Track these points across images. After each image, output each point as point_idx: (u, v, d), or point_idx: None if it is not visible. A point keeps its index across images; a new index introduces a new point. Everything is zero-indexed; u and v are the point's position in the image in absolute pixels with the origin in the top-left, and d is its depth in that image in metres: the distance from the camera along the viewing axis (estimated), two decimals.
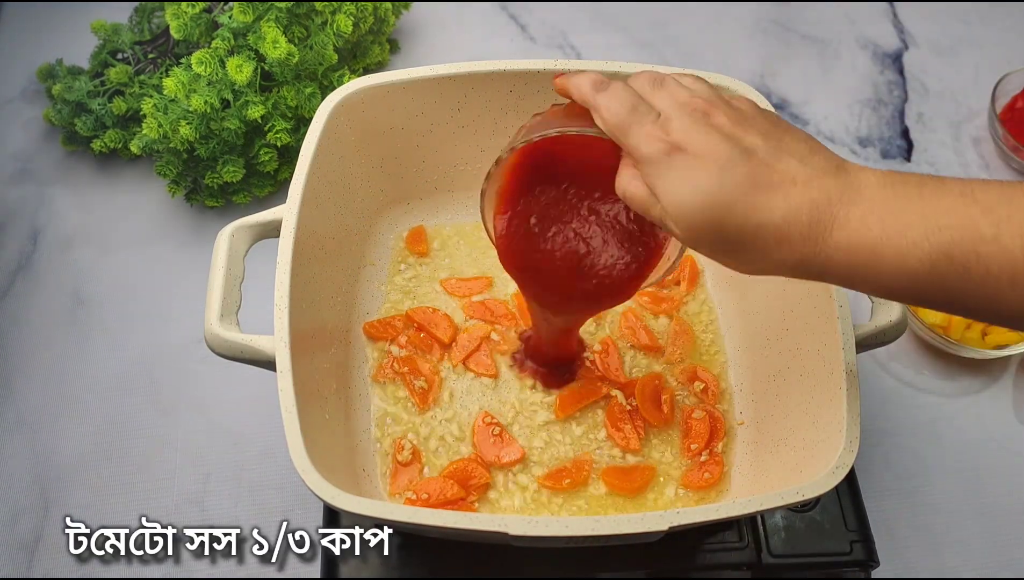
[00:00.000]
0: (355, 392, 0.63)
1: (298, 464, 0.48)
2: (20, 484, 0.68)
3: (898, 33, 0.99)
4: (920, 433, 0.72)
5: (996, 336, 0.73)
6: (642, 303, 0.68)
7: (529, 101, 0.65)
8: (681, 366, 0.66)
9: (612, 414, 0.63)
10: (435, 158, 0.69)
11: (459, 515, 0.46)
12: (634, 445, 0.62)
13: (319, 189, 0.60)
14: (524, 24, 0.98)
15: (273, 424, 0.50)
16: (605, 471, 0.61)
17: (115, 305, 0.77)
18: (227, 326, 0.53)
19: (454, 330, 0.66)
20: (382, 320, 0.67)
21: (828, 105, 0.92)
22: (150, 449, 0.70)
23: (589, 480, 0.61)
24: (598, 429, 0.63)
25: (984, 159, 0.89)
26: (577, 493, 0.61)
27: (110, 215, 0.82)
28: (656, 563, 0.59)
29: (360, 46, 0.87)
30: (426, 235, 0.71)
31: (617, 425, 0.62)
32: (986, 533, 0.68)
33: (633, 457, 0.62)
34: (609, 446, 0.62)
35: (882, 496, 0.69)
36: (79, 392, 0.72)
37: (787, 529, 0.60)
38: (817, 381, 0.55)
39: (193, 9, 0.77)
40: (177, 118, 0.73)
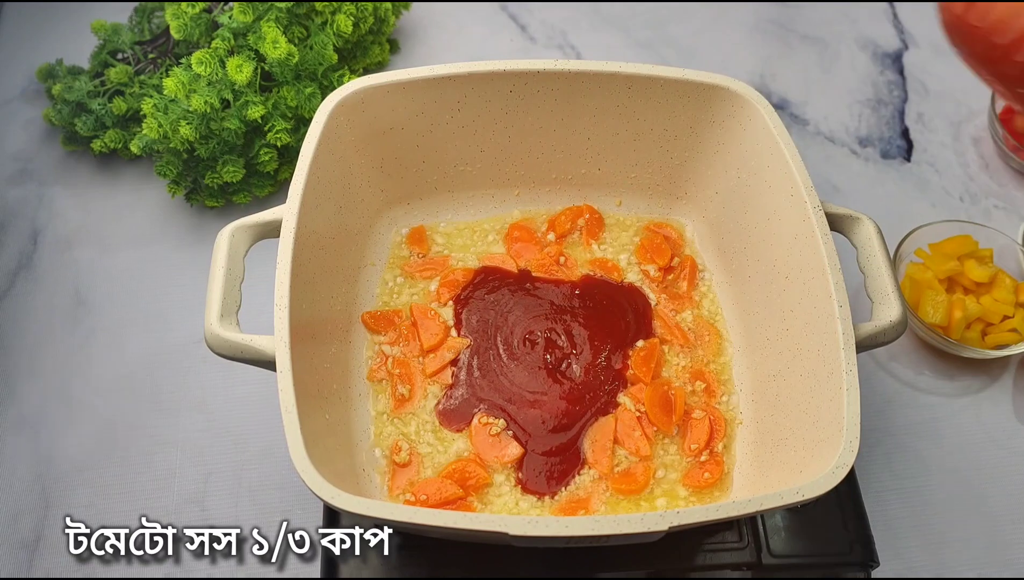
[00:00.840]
0: (355, 391, 0.63)
1: (298, 464, 0.48)
2: (21, 484, 0.68)
3: (898, 33, 0.99)
4: (920, 433, 0.72)
5: (996, 336, 0.73)
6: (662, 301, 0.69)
7: (529, 101, 0.65)
8: (691, 366, 0.66)
9: (623, 425, 0.62)
10: (435, 158, 0.69)
11: (459, 515, 0.46)
12: (644, 452, 0.61)
13: (319, 189, 0.60)
14: (524, 24, 0.98)
15: (273, 424, 0.50)
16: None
17: (115, 305, 0.77)
18: (227, 326, 0.53)
19: (441, 338, 0.66)
20: (383, 312, 0.67)
21: (828, 105, 0.92)
22: (150, 449, 0.70)
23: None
24: (607, 439, 0.62)
25: (984, 159, 0.89)
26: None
27: (110, 215, 0.82)
28: (656, 563, 0.59)
29: (360, 46, 0.87)
30: (426, 235, 0.71)
31: (628, 433, 0.62)
32: (986, 533, 0.68)
33: (635, 457, 0.62)
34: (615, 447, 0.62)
35: (882, 496, 0.69)
36: (80, 392, 0.72)
37: (787, 529, 0.60)
38: (817, 381, 0.55)
39: (193, 9, 0.77)
40: (177, 118, 0.73)
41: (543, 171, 0.71)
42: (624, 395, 0.64)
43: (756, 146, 0.63)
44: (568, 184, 0.72)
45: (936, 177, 0.88)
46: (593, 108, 0.66)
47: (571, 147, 0.70)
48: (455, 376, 0.64)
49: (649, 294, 0.69)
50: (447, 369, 0.65)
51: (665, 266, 0.70)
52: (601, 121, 0.67)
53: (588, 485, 0.61)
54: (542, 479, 0.61)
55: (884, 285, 0.57)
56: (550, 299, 0.68)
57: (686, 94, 0.64)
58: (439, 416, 0.63)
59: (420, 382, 0.64)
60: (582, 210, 0.72)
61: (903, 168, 0.88)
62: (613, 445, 0.62)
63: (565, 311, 0.67)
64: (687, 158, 0.69)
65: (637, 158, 0.70)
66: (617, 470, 0.61)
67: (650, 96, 0.65)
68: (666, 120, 0.66)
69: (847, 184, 0.86)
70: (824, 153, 0.89)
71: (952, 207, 0.85)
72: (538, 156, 0.70)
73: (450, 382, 0.64)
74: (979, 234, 0.77)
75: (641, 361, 0.65)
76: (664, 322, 0.67)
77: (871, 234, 0.59)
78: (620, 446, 0.62)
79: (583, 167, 0.71)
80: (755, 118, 0.62)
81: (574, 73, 0.63)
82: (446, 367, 0.65)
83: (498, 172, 0.71)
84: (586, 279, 0.70)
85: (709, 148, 0.67)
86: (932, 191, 0.86)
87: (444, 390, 0.64)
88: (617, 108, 0.66)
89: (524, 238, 0.71)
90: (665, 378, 0.65)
